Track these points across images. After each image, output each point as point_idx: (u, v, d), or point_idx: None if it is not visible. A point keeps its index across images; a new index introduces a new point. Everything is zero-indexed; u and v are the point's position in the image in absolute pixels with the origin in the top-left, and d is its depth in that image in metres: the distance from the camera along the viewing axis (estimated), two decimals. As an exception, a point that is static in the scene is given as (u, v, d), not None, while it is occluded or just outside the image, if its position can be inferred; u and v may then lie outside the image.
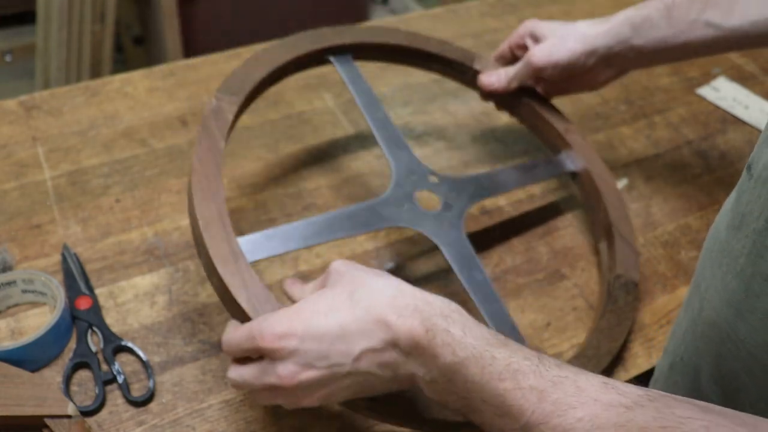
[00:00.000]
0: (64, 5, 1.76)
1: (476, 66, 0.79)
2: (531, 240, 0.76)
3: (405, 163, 0.68)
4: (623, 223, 0.68)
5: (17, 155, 0.81)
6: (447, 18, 1.12)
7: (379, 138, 0.69)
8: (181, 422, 0.58)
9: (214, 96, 0.64)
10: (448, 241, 0.63)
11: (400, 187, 0.65)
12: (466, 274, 0.62)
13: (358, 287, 0.47)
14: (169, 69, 0.95)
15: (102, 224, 0.74)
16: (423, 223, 0.63)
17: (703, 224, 0.79)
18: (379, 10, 2.63)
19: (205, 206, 0.55)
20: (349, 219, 0.61)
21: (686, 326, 0.54)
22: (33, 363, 0.60)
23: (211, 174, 0.57)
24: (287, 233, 0.58)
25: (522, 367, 0.41)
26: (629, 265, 0.66)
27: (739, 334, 0.46)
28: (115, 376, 0.60)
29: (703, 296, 0.51)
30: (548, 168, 0.76)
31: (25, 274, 0.64)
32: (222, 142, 0.60)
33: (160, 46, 1.96)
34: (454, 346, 0.43)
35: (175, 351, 0.63)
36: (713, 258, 0.49)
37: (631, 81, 0.99)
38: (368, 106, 0.71)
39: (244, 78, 0.66)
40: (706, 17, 0.66)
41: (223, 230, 0.55)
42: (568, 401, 0.38)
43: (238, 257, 0.54)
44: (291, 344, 0.45)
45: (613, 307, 0.63)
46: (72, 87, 0.91)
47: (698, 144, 0.90)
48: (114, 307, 0.66)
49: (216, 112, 0.62)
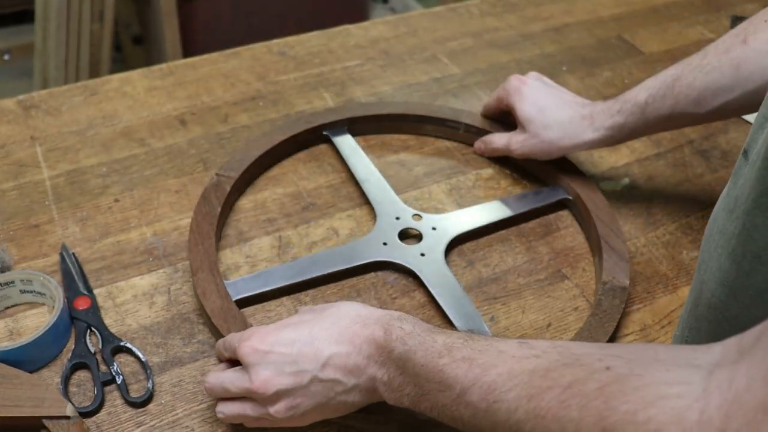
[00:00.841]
0: (63, 4, 1.76)
1: (465, 120, 0.86)
2: (531, 240, 0.76)
3: (390, 208, 0.75)
4: (612, 236, 0.71)
5: (15, 155, 0.80)
6: (447, 17, 1.11)
7: (368, 193, 0.76)
8: (180, 423, 0.58)
9: (215, 173, 0.75)
10: (430, 274, 0.69)
11: (382, 230, 0.72)
12: (455, 309, 0.66)
13: (326, 308, 0.54)
14: (168, 68, 0.95)
15: (101, 224, 0.73)
16: (404, 257, 0.70)
17: (705, 224, 0.78)
18: (380, 9, 2.63)
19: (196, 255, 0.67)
20: (334, 257, 0.69)
21: (689, 309, 0.56)
22: (31, 363, 0.60)
23: (205, 234, 0.69)
24: (271, 274, 0.68)
25: (455, 344, 0.47)
26: (617, 271, 0.68)
27: (732, 312, 0.48)
28: (113, 376, 0.60)
29: (702, 279, 0.52)
30: (538, 198, 0.79)
31: (23, 274, 0.64)
32: (218, 208, 0.71)
33: (159, 45, 1.96)
34: (404, 337, 0.49)
35: (174, 351, 0.63)
36: (711, 242, 0.51)
37: (632, 81, 0.99)
38: (359, 169, 0.79)
39: (243, 157, 0.77)
40: (679, 109, 0.69)
41: (213, 279, 0.65)
42: (491, 362, 0.44)
43: (224, 297, 0.64)
44: (263, 349, 0.51)
45: (597, 311, 0.65)
46: (70, 86, 0.91)
47: (700, 143, 0.90)
48: (113, 308, 0.66)
49: (215, 186, 0.73)
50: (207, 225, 0.69)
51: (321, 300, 0.68)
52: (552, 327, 0.67)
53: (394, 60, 1.01)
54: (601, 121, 0.73)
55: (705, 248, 0.53)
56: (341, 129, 0.84)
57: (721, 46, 0.67)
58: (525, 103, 0.77)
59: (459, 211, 0.76)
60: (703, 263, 0.53)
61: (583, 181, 0.78)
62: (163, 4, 1.84)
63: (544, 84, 0.79)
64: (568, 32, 1.11)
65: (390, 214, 0.74)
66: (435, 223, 0.73)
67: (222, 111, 0.89)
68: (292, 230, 0.74)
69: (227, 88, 0.93)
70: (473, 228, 0.74)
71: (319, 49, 1.01)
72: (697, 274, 0.54)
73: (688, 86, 0.67)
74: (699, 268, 0.54)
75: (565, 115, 0.75)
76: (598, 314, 0.65)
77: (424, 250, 0.70)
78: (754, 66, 0.64)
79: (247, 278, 0.67)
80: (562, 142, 0.75)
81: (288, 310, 0.66)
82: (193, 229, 0.69)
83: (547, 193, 0.79)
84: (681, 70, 0.69)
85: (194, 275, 0.65)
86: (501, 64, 1.02)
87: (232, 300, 0.63)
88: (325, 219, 0.76)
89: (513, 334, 0.66)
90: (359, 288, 0.69)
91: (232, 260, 0.71)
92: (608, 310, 0.65)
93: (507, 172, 0.83)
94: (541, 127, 0.76)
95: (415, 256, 0.70)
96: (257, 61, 0.98)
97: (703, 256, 0.53)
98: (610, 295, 0.66)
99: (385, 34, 1.06)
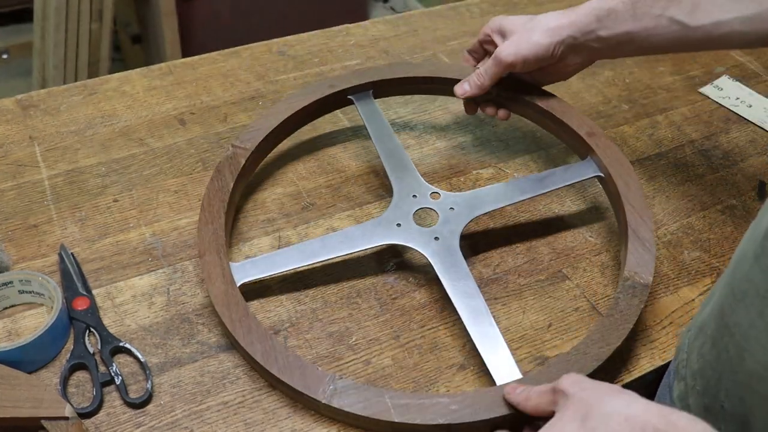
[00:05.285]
0: (62, 3, 1.75)
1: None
2: (532, 240, 0.75)
3: (407, 183, 0.71)
4: (641, 225, 0.66)
5: (14, 154, 0.80)
6: (448, 16, 1.11)
7: (386, 163, 0.73)
8: (180, 424, 0.57)
9: (231, 144, 0.72)
10: (440, 257, 0.66)
11: (398, 208, 0.69)
12: (463, 301, 0.63)
13: (589, 411, 0.45)
14: (167, 68, 0.95)
15: (99, 224, 0.73)
16: (417, 239, 0.67)
17: (706, 224, 0.79)
18: (380, 8, 2.62)
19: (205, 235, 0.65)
20: (344, 240, 0.66)
21: (720, 369, 0.50)
22: (30, 364, 0.60)
23: (215, 213, 0.66)
24: (281, 256, 0.66)
25: None
26: (641, 266, 0.64)
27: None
28: (112, 377, 0.59)
29: (740, 345, 0.47)
30: (566, 175, 0.73)
31: (22, 274, 0.64)
32: (231, 182, 0.68)
33: (159, 44, 1.96)
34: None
35: (173, 352, 0.62)
36: (749, 304, 0.46)
37: (633, 80, 0.99)
38: (380, 138, 0.76)
39: (260, 128, 0.74)
40: (670, 14, 0.67)
41: (219, 262, 0.63)
42: None
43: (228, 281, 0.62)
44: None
45: (613, 311, 0.61)
46: (69, 86, 0.90)
47: (701, 143, 0.90)
48: (112, 308, 0.65)
49: (230, 158, 0.70)
50: (218, 202, 0.66)
51: (320, 300, 0.67)
52: (552, 327, 0.67)
53: (394, 59, 1.00)
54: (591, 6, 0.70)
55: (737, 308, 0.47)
56: (366, 93, 0.80)
57: None
58: (511, 20, 0.75)
59: (481, 189, 0.72)
60: (737, 327, 0.47)
61: (615, 155, 0.72)
62: (162, 4, 1.83)
63: None
64: (569, 31, 1.10)
65: (407, 191, 0.70)
66: (454, 202, 0.70)
67: (221, 111, 0.89)
68: (291, 230, 0.74)
69: (227, 87, 0.92)
70: (494, 208, 0.70)
71: (318, 49, 1.01)
72: (727, 333, 0.48)
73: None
74: (728, 326, 0.48)
75: (550, 16, 0.73)
76: (614, 315, 0.60)
77: (438, 233, 0.67)
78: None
79: (256, 260, 0.65)
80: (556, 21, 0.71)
81: (288, 311, 0.66)
82: (204, 207, 0.66)
83: (576, 169, 0.73)
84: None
85: (201, 257, 0.63)
86: (501, 63, 1.02)
87: (236, 286, 0.62)
88: (325, 219, 0.76)
89: (513, 334, 0.66)
90: (359, 288, 0.69)
91: (232, 259, 0.70)
92: (625, 310, 0.60)
93: (507, 173, 0.83)
94: (529, 29, 0.72)
95: (428, 241, 0.66)
96: (257, 61, 0.98)
97: (734, 317, 0.47)
98: (629, 294, 0.62)
99: (385, 34, 1.06)
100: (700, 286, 0.72)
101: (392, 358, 0.63)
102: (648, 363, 0.65)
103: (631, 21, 0.69)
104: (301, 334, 0.65)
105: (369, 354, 0.64)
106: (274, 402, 0.59)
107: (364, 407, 0.55)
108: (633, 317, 0.61)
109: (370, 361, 0.63)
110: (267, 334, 0.59)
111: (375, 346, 0.64)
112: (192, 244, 0.71)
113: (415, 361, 0.63)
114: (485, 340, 0.60)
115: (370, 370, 0.62)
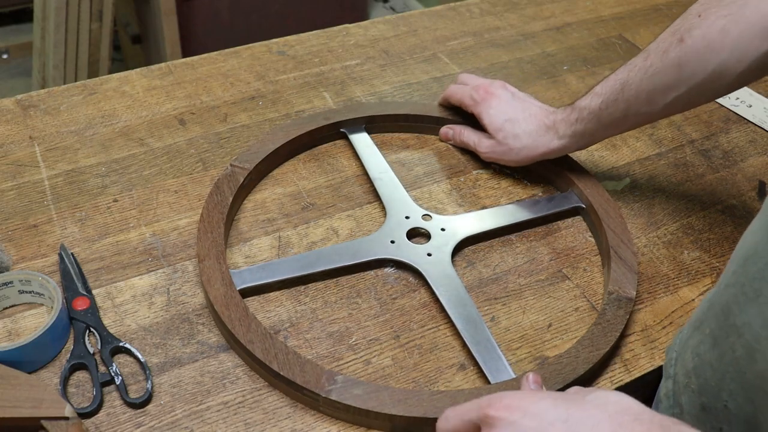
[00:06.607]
0: (62, 3, 1.75)
1: None
2: (532, 240, 0.75)
3: (400, 206, 0.75)
4: (622, 247, 0.71)
5: (14, 154, 0.80)
6: (448, 16, 1.11)
7: (380, 190, 0.77)
8: (180, 424, 0.57)
9: (230, 163, 0.76)
10: (435, 274, 0.68)
11: (391, 228, 0.72)
12: (457, 310, 0.66)
13: (590, 392, 0.47)
14: (167, 68, 0.95)
15: (99, 224, 0.73)
16: (411, 255, 0.70)
17: (706, 224, 0.79)
18: (380, 8, 2.62)
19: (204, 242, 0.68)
20: (339, 253, 0.70)
21: (723, 369, 0.51)
22: (30, 364, 0.59)
23: (215, 223, 0.69)
24: (277, 266, 0.68)
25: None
26: (624, 283, 0.68)
27: None
28: (112, 377, 0.59)
29: (750, 345, 0.47)
30: (550, 204, 0.78)
31: (22, 274, 0.64)
32: (230, 197, 0.72)
33: (158, 44, 1.96)
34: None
35: (174, 352, 0.62)
36: (763, 303, 0.46)
37: (632, 80, 0.99)
38: (375, 170, 0.80)
39: (259, 149, 0.78)
40: (634, 111, 0.71)
41: (218, 267, 0.65)
42: None
43: (228, 283, 0.64)
44: (513, 416, 0.45)
45: (601, 320, 0.65)
46: (69, 86, 0.90)
47: (701, 143, 0.90)
48: (112, 308, 0.65)
49: (229, 176, 0.74)
50: (217, 214, 0.70)
51: (320, 300, 0.68)
52: (552, 327, 0.67)
53: (394, 59, 1.01)
54: (563, 129, 0.76)
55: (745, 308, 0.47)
56: (359, 127, 0.85)
57: (661, 46, 0.68)
58: (493, 115, 0.79)
59: (469, 214, 0.76)
60: (746, 328, 0.47)
61: (595, 188, 0.78)
62: (162, 4, 1.83)
63: (512, 95, 0.81)
64: (569, 31, 1.10)
65: (400, 213, 0.74)
66: (444, 224, 0.74)
67: (221, 111, 0.89)
68: (291, 230, 0.74)
69: (226, 87, 0.92)
70: (483, 231, 0.74)
71: (318, 49, 1.01)
72: (734, 333, 0.48)
73: (637, 88, 0.70)
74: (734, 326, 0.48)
75: (532, 125, 0.77)
76: (602, 323, 0.64)
77: (431, 250, 0.70)
78: (695, 64, 0.65)
79: (253, 268, 0.68)
80: (530, 150, 0.77)
81: (287, 311, 0.66)
82: (204, 217, 0.70)
83: (560, 199, 0.79)
84: (627, 74, 0.71)
85: (200, 262, 0.65)
86: (502, 63, 1.02)
87: (236, 289, 0.64)
88: (325, 219, 0.76)
89: (513, 334, 0.66)
90: (359, 288, 0.69)
91: (232, 260, 0.70)
92: (612, 320, 0.65)
93: (507, 173, 0.83)
94: (510, 136, 0.78)
95: (422, 256, 0.70)
96: (256, 61, 0.98)
97: (742, 317, 0.48)
98: (615, 306, 0.66)
99: (385, 34, 1.06)
100: (700, 286, 0.72)
101: (392, 358, 0.63)
102: (648, 363, 0.65)
103: (603, 130, 0.75)
104: (301, 334, 0.65)
105: (369, 354, 0.64)
106: (274, 402, 0.59)
107: (364, 401, 0.56)
108: (619, 326, 0.64)
109: (370, 361, 0.63)
110: (266, 332, 0.60)
111: (375, 346, 0.64)
112: (192, 244, 0.71)
113: (415, 361, 0.63)
114: (479, 345, 0.63)
115: (370, 370, 0.62)
